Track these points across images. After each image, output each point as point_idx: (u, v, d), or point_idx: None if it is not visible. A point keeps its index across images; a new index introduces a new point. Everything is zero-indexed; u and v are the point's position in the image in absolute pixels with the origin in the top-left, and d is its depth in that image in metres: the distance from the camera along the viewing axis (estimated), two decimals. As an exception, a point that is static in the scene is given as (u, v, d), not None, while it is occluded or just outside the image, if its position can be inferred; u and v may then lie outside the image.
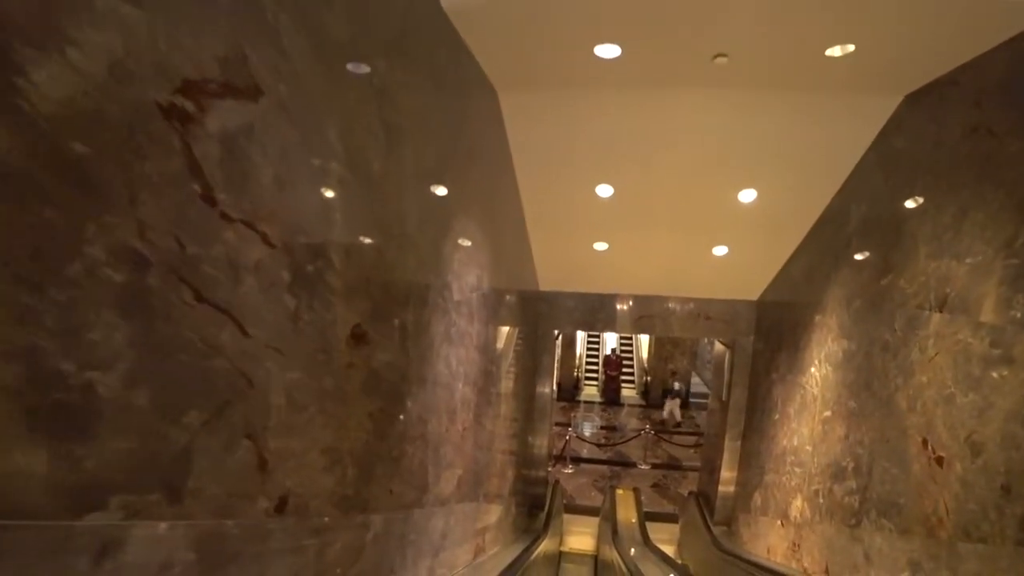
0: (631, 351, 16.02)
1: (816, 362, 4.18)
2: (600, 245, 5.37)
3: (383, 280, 2.04)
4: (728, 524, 6.22)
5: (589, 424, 12.87)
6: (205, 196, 1.12)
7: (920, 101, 3.07)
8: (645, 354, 15.11)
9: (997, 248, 2.24)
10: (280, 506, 1.43)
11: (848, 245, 3.80)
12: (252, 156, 1.25)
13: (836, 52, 2.75)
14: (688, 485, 9.07)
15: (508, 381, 4.86)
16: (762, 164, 3.97)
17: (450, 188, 2.77)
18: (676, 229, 4.95)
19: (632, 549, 5.99)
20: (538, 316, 6.52)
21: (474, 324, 3.36)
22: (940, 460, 2.45)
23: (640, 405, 14.07)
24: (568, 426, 11.50)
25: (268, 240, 1.32)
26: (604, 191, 4.41)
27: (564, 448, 10.24)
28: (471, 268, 3.22)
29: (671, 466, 10.51)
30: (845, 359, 3.67)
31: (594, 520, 7.90)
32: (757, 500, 5.33)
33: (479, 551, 3.80)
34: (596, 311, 6.64)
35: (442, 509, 2.86)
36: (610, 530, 6.29)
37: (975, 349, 2.31)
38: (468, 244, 3.13)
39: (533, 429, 6.86)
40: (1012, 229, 2.17)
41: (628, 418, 13.14)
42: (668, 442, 11.31)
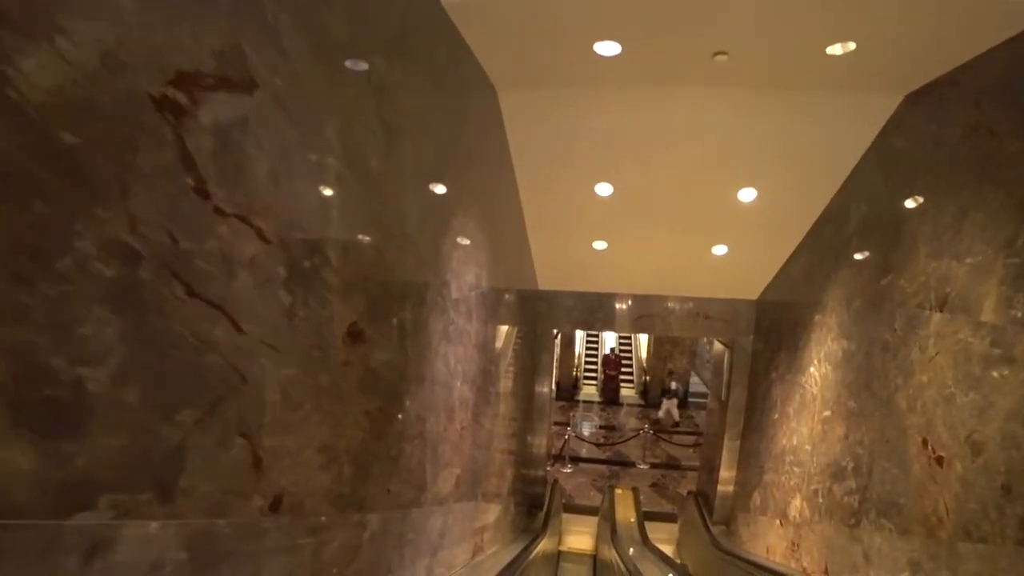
0: (630, 350, 15.99)
1: (816, 362, 4.17)
2: (599, 244, 5.36)
3: (381, 278, 2.02)
4: (727, 524, 6.21)
5: (588, 423, 12.85)
6: (198, 190, 1.10)
7: (920, 101, 3.06)
8: (644, 354, 15.10)
9: (997, 248, 2.23)
10: (275, 505, 1.42)
11: (848, 244, 3.79)
12: (247, 150, 1.24)
13: (837, 50, 2.74)
14: (687, 485, 9.06)
15: (507, 380, 4.85)
16: (762, 163, 3.96)
17: (449, 186, 2.76)
18: (676, 228, 4.94)
19: (631, 549, 5.98)
20: (537, 315, 6.51)
21: (473, 323, 3.35)
22: (940, 460, 2.44)
23: (639, 405, 14.05)
24: (567, 425, 11.47)
25: (263, 235, 1.30)
26: (603, 190, 4.40)
27: (563, 447, 10.23)
28: (470, 266, 3.21)
29: (670, 466, 10.49)
30: (845, 359, 3.66)
31: (593, 520, 7.89)
32: (756, 500, 5.32)
33: (477, 550, 3.79)
34: (595, 310, 6.62)
35: (440, 508, 2.84)
36: (609, 529, 6.28)
37: (975, 349, 2.30)
38: (467, 242, 3.12)
39: (532, 428, 6.84)
40: (1012, 229, 2.16)
41: (627, 417, 13.12)
42: (667, 442, 11.30)
